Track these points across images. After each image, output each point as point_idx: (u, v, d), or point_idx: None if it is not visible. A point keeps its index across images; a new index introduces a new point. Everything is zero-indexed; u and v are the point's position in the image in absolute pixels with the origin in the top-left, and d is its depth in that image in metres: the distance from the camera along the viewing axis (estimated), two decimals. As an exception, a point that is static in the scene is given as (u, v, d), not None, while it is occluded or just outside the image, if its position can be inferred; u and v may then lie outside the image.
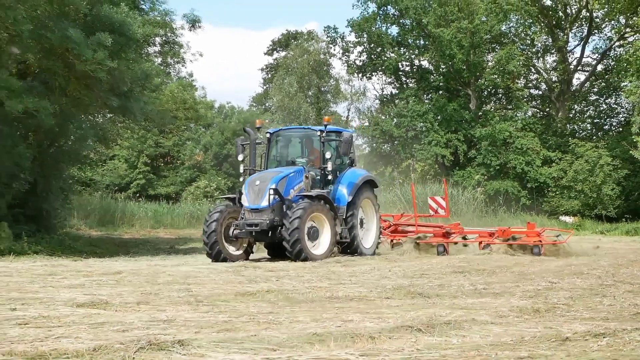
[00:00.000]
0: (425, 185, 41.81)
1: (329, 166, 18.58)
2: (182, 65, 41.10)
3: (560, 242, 20.02)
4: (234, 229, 17.53)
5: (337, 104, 64.00)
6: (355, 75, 55.93)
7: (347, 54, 54.84)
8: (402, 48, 52.22)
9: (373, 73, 53.94)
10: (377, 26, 51.58)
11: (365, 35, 52.03)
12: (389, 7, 51.18)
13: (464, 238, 20.82)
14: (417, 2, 48.52)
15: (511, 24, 49.90)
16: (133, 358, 5.06)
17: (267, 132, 20.04)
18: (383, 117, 52.21)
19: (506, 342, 5.83)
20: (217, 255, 17.35)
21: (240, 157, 19.20)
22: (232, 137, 55.63)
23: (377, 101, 57.59)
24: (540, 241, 19.47)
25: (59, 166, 29.70)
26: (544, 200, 44.98)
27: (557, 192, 44.60)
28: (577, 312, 7.77)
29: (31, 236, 22.48)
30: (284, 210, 17.25)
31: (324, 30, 59.96)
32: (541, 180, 44.91)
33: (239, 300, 8.73)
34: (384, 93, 56.19)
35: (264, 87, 70.06)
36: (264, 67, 71.06)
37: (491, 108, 51.90)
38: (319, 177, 18.87)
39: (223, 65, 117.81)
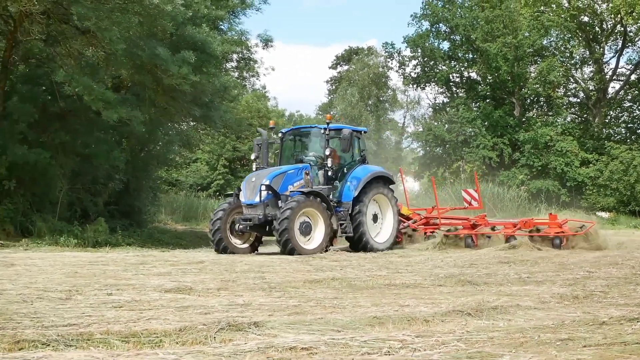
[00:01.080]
0: (474, 184, 41.43)
1: (329, 163, 17.75)
2: (256, 79, 41.55)
3: (580, 232, 17.83)
4: (237, 224, 17.05)
5: (394, 112, 63.82)
6: (411, 86, 55.68)
7: (403, 67, 54.68)
8: (452, 61, 51.81)
9: (426, 84, 53.65)
10: (430, 42, 51.32)
11: (419, 50, 51.78)
12: (440, 24, 50.93)
13: (493, 229, 19.12)
14: (466, 20, 48.17)
15: (552, 39, 49.23)
16: (214, 338, 5.09)
17: (280, 132, 19.40)
18: (435, 124, 51.86)
19: (548, 326, 5.73)
20: (224, 250, 16.91)
21: (253, 156, 18.67)
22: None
23: (430, 109, 57.25)
24: (563, 232, 17.74)
25: (148, 168, 30.18)
26: (582, 197, 44.31)
27: (594, 190, 43.95)
28: (613, 299, 7.61)
29: (125, 230, 22.88)
30: (279, 205, 16.62)
31: (383, 46, 59.92)
32: (579, 180, 44.29)
33: (307, 287, 8.74)
34: (436, 102, 55.85)
35: (329, 97, 70.06)
36: (329, 80, 71.09)
37: (534, 114, 51.16)
38: (330, 174, 18.00)
39: (292, 78, 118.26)
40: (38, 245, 18.86)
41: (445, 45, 52.09)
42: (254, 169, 18.30)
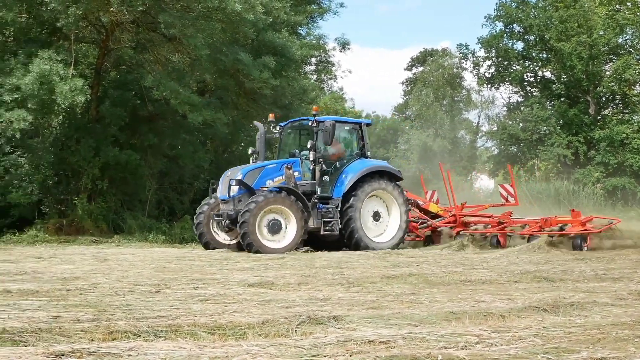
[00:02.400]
0: (549, 182, 40.63)
1: (311, 156, 16.38)
2: (334, 81, 41.68)
3: (601, 230, 15.56)
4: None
5: (469, 112, 63.03)
6: (485, 86, 54.91)
7: (477, 67, 53.95)
8: (526, 61, 50.87)
9: (501, 84, 52.80)
10: (504, 42, 50.49)
11: (493, 51, 51.01)
12: (514, 25, 50.08)
13: (522, 227, 16.83)
14: (540, 20, 47.23)
15: (627, 37, 47.78)
16: (295, 331, 5.12)
17: (279, 125, 17.90)
18: (510, 122, 51.00)
19: (625, 322, 5.56)
20: (206, 245, 16.27)
21: (250, 151, 17.59)
22: (377, 142, 55.72)
23: (505, 108, 56.31)
24: (587, 230, 15.53)
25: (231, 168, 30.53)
26: (659, 195, 42.92)
27: (671, 188, 42.51)
28: (692, 296, 7.35)
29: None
30: None
31: (457, 48, 59.21)
32: (656, 177, 42.94)
33: (384, 282, 8.71)
34: (510, 101, 54.92)
35: (404, 98, 69.63)
36: (404, 81, 70.56)
37: (609, 112, 49.81)
38: (326, 168, 16.63)
39: (369, 79, 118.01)
40: (129, 241, 19.33)
41: (519, 45, 51.19)
42: (250, 163, 16.96)
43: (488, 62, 52.76)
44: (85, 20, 20.62)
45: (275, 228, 15.26)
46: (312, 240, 16.06)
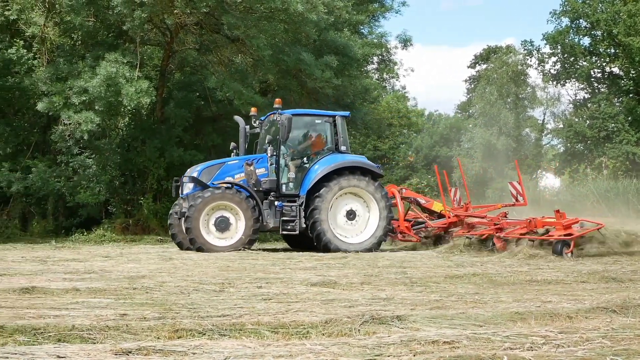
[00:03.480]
0: (617, 181, 39.71)
1: (269, 152, 15.58)
2: (396, 80, 41.51)
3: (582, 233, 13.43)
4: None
5: (534, 109, 62.01)
6: (550, 82, 53.99)
7: (542, 64, 53.05)
8: (593, 57, 49.85)
9: (566, 80, 51.83)
10: (569, 38, 49.56)
11: (559, 47, 50.12)
12: (580, 20, 49.10)
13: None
14: (607, 15, 46.22)
15: (699, 30, 46.42)
16: (358, 330, 5.10)
17: (259, 120, 17.02)
18: (576, 120, 50.05)
19: (699, 325, 5.40)
20: (180, 245, 15.80)
21: (231, 146, 16.91)
22: (440, 140, 55.36)
23: (571, 105, 55.27)
24: (570, 235, 13.27)
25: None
26: None
27: None
28: None
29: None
30: None
31: (521, 44, 58.18)
32: None
33: (448, 282, 8.62)
34: (576, 98, 53.88)
35: (468, 96, 68.96)
36: (467, 79, 69.78)
37: (680, 109, 48.49)
38: (293, 165, 15.89)
39: (431, 78, 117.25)
40: (193, 240, 19.53)
41: (586, 41, 50.16)
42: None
43: (553, 59, 51.86)
44: (150, 23, 20.99)
45: (222, 225, 14.88)
46: (300, 241, 16.28)
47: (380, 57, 35.97)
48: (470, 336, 4.68)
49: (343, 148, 16.16)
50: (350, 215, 15.70)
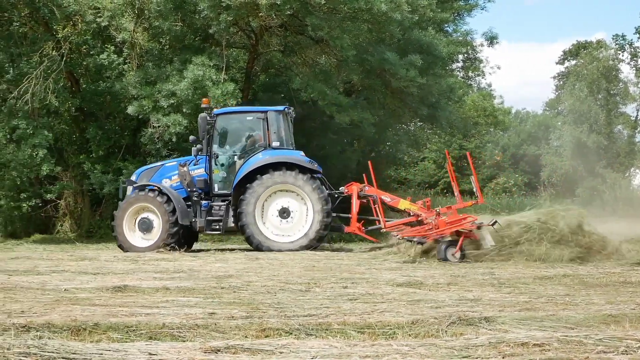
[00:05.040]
0: None
1: (193, 152, 15.63)
2: (482, 78, 40.90)
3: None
4: None
5: (626, 105, 60.17)
6: (644, 77, 52.31)
7: (635, 58, 51.49)
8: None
9: (661, 75, 50.16)
10: (664, 31, 47.94)
11: (654, 40, 48.57)
12: (676, 12, 47.41)
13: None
14: None
15: None
16: (445, 331, 5.06)
17: (213, 114, 16.03)
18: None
19: None
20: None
21: (191, 139, 16.07)
22: (527, 138, 54.33)
23: (666, 100, 53.41)
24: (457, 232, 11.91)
25: (378, 167, 30.61)
26: None
27: None
28: None
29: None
30: None
31: (612, 39, 56.59)
32: None
33: (537, 283, 8.46)
34: (672, 92, 52.05)
35: (556, 93, 67.45)
36: (556, 75, 68.37)
37: None
38: (232, 162, 15.68)
39: (518, 75, 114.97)
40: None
41: (681, 33, 48.40)
42: (192, 154, 16.03)
43: (648, 53, 50.26)
44: (236, 26, 21.29)
45: (144, 227, 15.09)
46: None
47: (465, 55, 35.50)
48: (561, 339, 4.58)
49: (276, 144, 15.61)
50: (284, 213, 15.22)
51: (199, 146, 15.63)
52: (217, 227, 15.29)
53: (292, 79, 22.54)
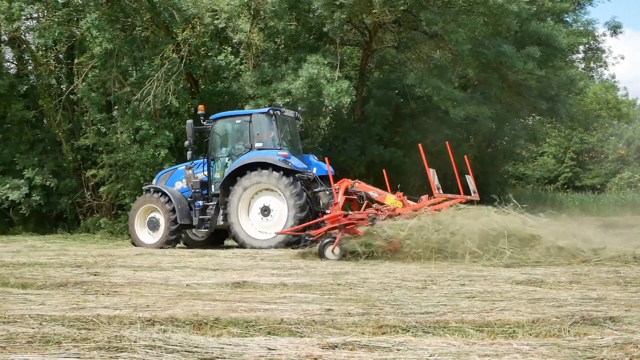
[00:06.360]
0: None
1: (188, 155, 16.30)
2: (604, 69, 39.41)
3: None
4: None
5: None
6: None
7: None
8: None
9: None
10: None
11: None
12: None
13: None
14: None
15: None
16: (568, 331, 4.92)
17: (210, 118, 16.55)
18: None
19: None
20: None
21: (186, 144, 16.39)
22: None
23: None
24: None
25: (495, 163, 30.16)
26: None
27: None
28: None
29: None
30: None
31: None
32: None
33: (666, 283, 8.09)
34: None
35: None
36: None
37: None
38: (225, 165, 16.16)
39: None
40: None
41: None
42: (188, 158, 16.64)
43: None
44: (350, 23, 21.40)
45: (152, 225, 16.21)
46: None
47: (586, 45, 34.32)
48: (693, 341, 4.37)
49: (258, 145, 15.81)
50: (265, 211, 15.42)
51: (189, 151, 16.39)
52: (208, 225, 16.10)
53: (407, 74, 22.45)
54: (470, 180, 14.22)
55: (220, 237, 17.15)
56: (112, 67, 20.20)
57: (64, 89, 23.03)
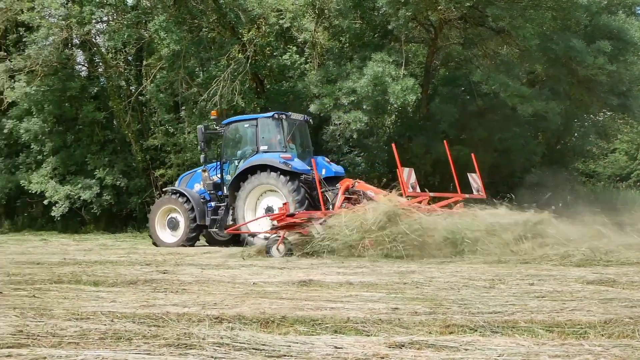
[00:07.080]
0: None
1: (202, 158, 17.25)
2: (681, 63, 38.30)
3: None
4: None
5: None
6: None
7: None
8: None
9: None
10: None
11: None
12: None
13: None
14: None
15: None
16: (642, 332, 4.79)
17: (222, 123, 17.35)
18: None
19: None
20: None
21: (199, 147, 17.74)
22: None
23: None
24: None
25: (565, 160, 29.60)
26: None
27: None
28: None
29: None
30: None
31: None
32: None
33: None
34: None
35: None
36: None
37: None
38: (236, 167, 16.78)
39: None
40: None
41: None
42: (201, 161, 17.51)
43: None
44: (415, 20, 21.26)
45: (171, 225, 17.05)
46: None
47: (660, 39, 33.42)
48: None
49: (263, 148, 16.45)
50: (269, 211, 15.73)
51: (202, 155, 17.36)
52: (218, 226, 16.84)
53: (473, 71, 22.18)
54: (475, 178, 14.88)
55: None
56: (180, 68, 20.56)
57: (133, 90, 23.56)
